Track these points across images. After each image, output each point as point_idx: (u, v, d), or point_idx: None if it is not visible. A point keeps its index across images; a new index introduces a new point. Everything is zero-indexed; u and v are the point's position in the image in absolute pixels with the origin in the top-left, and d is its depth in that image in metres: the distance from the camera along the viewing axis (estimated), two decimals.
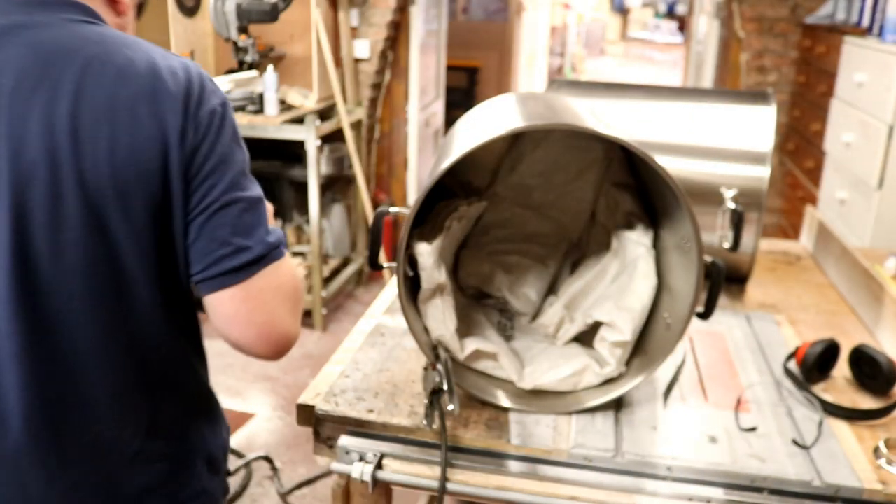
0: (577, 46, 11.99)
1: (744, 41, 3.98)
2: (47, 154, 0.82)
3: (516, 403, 1.22)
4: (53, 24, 0.87)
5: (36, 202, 0.82)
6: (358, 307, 4.02)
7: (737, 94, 1.88)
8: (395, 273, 1.16)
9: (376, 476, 1.16)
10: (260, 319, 0.93)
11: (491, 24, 7.15)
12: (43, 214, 0.83)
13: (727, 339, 1.50)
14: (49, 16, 0.87)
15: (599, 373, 1.22)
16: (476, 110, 1.34)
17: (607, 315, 1.22)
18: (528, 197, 1.50)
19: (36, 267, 0.84)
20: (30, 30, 0.85)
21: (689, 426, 1.20)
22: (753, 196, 1.58)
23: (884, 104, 2.64)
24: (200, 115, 0.87)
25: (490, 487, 1.14)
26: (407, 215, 1.12)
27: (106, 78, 0.84)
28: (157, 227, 0.88)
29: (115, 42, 0.88)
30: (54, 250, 0.84)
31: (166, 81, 0.86)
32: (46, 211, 0.83)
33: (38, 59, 0.84)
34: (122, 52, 0.87)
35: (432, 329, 1.22)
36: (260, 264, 0.91)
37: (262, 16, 3.36)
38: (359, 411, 1.20)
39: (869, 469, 1.11)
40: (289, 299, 0.95)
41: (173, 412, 1.01)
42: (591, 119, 1.18)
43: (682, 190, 1.09)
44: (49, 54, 0.84)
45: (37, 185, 0.82)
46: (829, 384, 1.35)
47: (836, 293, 1.81)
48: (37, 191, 0.82)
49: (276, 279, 0.93)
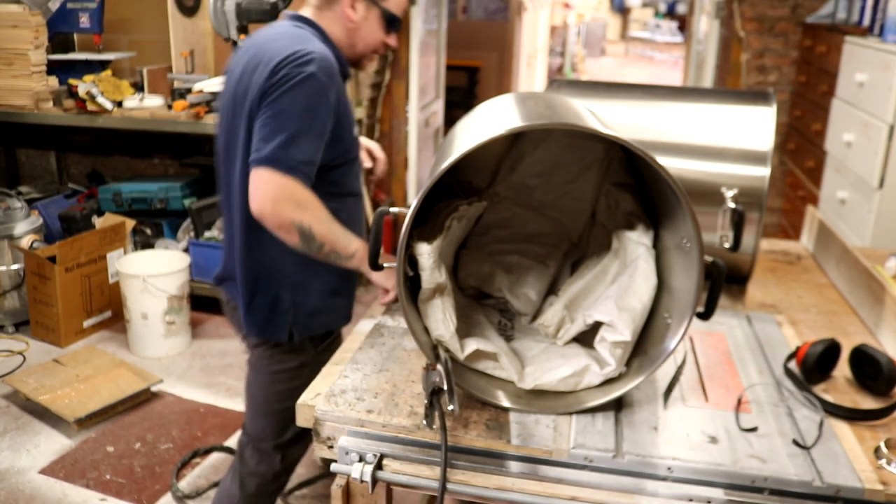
0: (577, 46, 11.99)
1: (744, 41, 3.98)
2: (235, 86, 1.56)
3: (516, 403, 1.22)
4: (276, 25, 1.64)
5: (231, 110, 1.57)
6: (358, 307, 4.01)
7: (737, 93, 1.88)
8: (396, 273, 1.16)
9: (376, 476, 1.16)
10: (256, 197, 1.45)
11: (491, 24, 7.15)
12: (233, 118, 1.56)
13: (728, 339, 1.49)
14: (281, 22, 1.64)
15: (600, 373, 1.22)
16: (476, 110, 1.34)
17: (607, 315, 1.22)
18: (528, 197, 1.49)
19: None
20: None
21: (689, 426, 1.19)
22: (754, 196, 1.58)
23: (884, 104, 2.64)
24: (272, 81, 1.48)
25: (490, 488, 1.14)
26: (407, 215, 1.12)
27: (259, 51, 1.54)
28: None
29: (284, 35, 1.54)
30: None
31: (271, 60, 1.48)
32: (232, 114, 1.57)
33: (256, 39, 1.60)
34: (278, 40, 1.52)
35: (432, 329, 1.22)
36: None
37: (261, 15, 3.35)
38: (359, 411, 1.20)
39: (870, 469, 1.10)
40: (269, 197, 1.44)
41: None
42: (592, 119, 1.18)
43: (683, 189, 1.09)
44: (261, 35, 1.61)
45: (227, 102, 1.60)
46: (830, 384, 1.35)
47: (836, 293, 1.80)
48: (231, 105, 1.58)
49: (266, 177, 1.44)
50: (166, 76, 3.73)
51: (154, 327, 3.26)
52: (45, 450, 2.63)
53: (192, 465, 2.59)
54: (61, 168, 4.59)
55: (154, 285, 3.19)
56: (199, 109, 3.31)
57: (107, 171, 4.52)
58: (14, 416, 2.83)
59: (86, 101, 3.45)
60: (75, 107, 3.55)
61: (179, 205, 3.83)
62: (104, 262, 3.51)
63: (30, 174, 4.61)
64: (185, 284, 3.32)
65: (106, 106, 3.43)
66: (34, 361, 3.21)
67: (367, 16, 1.60)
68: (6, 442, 2.67)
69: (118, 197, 3.85)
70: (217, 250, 3.53)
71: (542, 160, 1.46)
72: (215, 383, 3.12)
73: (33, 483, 2.45)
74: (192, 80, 3.54)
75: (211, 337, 3.51)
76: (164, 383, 3.03)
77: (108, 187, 3.90)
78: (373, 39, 1.64)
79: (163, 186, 3.86)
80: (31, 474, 2.50)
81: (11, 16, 3.49)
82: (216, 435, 2.76)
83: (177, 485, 2.44)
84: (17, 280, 3.48)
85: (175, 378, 3.14)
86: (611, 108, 1.74)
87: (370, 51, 1.66)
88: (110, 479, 2.49)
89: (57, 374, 2.96)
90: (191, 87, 3.41)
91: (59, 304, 3.31)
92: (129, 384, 2.92)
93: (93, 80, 3.50)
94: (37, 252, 3.34)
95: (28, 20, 3.48)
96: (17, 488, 2.43)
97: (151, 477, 2.50)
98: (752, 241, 1.62)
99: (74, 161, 4.61)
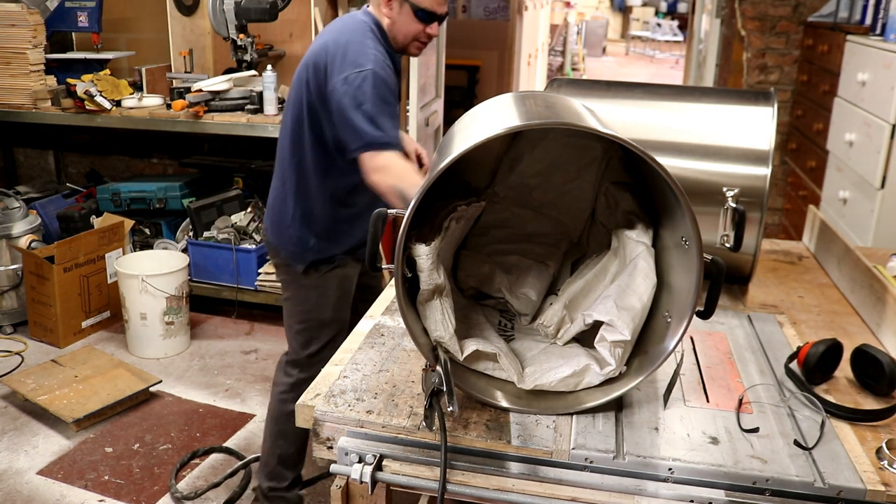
0: (577, 45, 11.98)
1: (745, 40, 3.97)
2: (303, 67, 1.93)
3: (516, 404, 1.21)
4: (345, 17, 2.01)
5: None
6: None
7: (738, 93, 1.88)
8: (394, 274, 1.15)
9: (375, 477, 1.15)
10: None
11: (491, 23, 7.14)
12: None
13: (729, 339, 1.49)
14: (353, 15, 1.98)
15: (600, 373, 1.21)
16: (475, 110, 1.33)
17: (607, 314, 1.21)
18: (527, 197, 1.49)
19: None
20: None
21: (690, 427, 1.19)
22: (755, 196, 1.57)
23: (886, 103, 2.63)
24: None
25: (490, 489, 1.14)
26: (405, 216, 1.11)
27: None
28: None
29: (347, 28, 1.90)
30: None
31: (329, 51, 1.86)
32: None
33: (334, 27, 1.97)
34: (342, 34, 1.88)
35: (431, 330, 1.21)
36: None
37: (260, 14, 3.35)
38: (358, 412, 1.19)
39: (871, 470, 1.10)
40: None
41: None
42: (591, 118, 1.18)
43: (681, 188, 1.08)
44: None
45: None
46: (832, 385, 1.34)
47: (838, 293, 1.80)
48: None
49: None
50: (165, 75, 3.72)
51: (153, 327, 3.26)
52: (44, 451, 2.63)
53: (192, 466, 2.58)
54: (59, 168, 4.58)
55: (153, 285, 3.18)
56: (198, 109, 3.31)
57: (105, 170, 4.51)
58: (12, 417, 2.82)
59: (84, 101, 3.44)
60: (74, 106, 3.54)
61: (178, 204, 3.83)
62: (103, 262, 3.50)
63: (28, 174, 4.60)
64: (184, 284, 3.32)
65: (104, 105, 3.42)
66: (32, 362, 3.21)
67: (401, 11, 1.89)
68: (4, 443, 2.66)
69: (117, 197, 3.84)
70: (216, 250, 3.53)
71: (541, 160, 1.45)
72: (214, 384, 3.11)
73: (31, 484, 2.45)
74: (191, 79, 3.54)
75: (210, 337, 3.50)
76: (163, 384, 3.02)
77: (107, 187, 3.90)
78: (409, 31, 1.92)
79: (161, 186, 3.85)
80: (30, 475, 2.49)
81: (9, 14, 3.49)
82: (215, 435, 2.75)
83: (176, 486, 2.43)
84: (15, 280, 3.47)
85: (174, 378, 3.13)
86: (611, 108, 1.73)
87: (410, 41, 1.95)
88: (109, 479, 2.48)
89: (55, 375, 2.95)
90: (190, 86, 3.41)
91: (58, 305, 3.30)
92: (127, 385, 2.92)
93: (91, 80, 3.50)
94: (35, 252, 3.34)
95: (26, 19, 3.48)
96: (15, 489, 2.42)
97: (150, 478, 2.50)
98: (753, 240, 1.61)
99: (73, 160, 4.60)
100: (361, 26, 1.89)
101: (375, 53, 1.82)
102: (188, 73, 3.71)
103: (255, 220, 3.65)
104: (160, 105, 3.56)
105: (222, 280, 3.58)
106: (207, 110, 3.35)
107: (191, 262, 3.49)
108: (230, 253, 3.51)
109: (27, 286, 3.40)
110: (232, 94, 3.40)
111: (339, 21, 2.00)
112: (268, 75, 3.29)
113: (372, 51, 1.81)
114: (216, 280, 3.59)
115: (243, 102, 3.39)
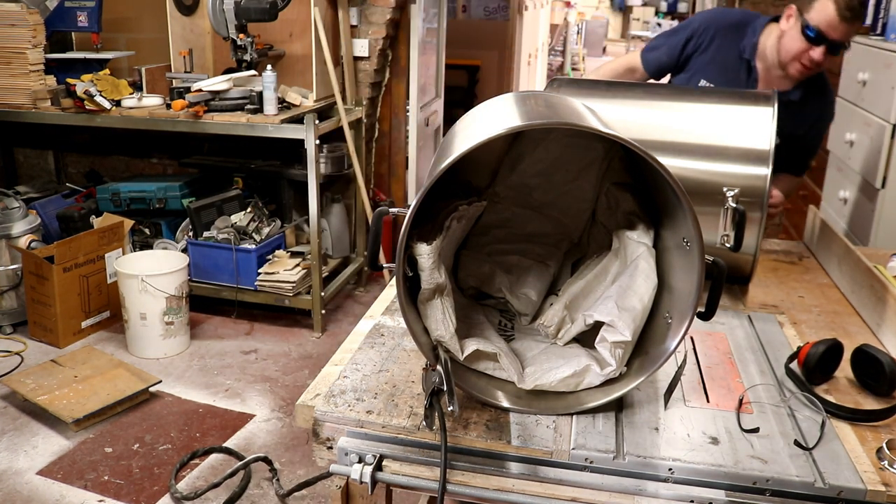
0: (577, 45, 11.98)
1: None
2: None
3: (517, 404, 1.21)
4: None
5: None
6: (357, 307, 4.02)
7: (738, 93, 1.87)
8: (395, 274, 1.15)
9: (375, 477, 1.15)
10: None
11: (491, 23, 7.14)
12: None
13: (729, 339, 1.49)
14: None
15: (600, 373, 1.21)
16: (476, 110, 1.33)
17: (608, 315, 1.21)
18: (528, 197, 1.49)
19: None
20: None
21: (690, 427, 1.19)
22: (755, 195, 1.57)
23: (887, 103, 2.63)
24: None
25: (490, 489, 1.14)
26: (406, 215, 1.11)
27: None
28: None
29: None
30: None
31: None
32: None
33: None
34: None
35: (432, 330, 1.21)
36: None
37: (260, 14, 3.35)
38: (358, 412, 1.19)
39: (872, 471, 1.09)
40: None
41: None
42: (592, 118, 1.17)
43: (683, 188, 1.08)
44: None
45: None
46: (832, 385, 1.34)
47: (838, 293, 1.80)
48: None
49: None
50: (165, 75, 3.72)
51: (152, 327, 3.26)
52: (43, 451, 2.62)
53: (191, 466, 2.58)
54: (59, 167, 4.58)
55: (152, 285, 3.18)
56: (198, 109, 3.30)
57: (105, 170, 4.51)
58: (12, 417, 2.82)
59: (84, 101, 3.44)
60: (73, 106, 3.54)
61: (178, 204, 3.83)
62: (102, 262, 3.50)
63: (28, 174, 4.60)
64: (183, 285, 3.31)
65: (104, 105, 3.42)
66: (32, 362, 3.20)
67: (793, 26, 1.99)
68: (4, 443, 2.66)
69: (116, 196, 3.84)
70: (216, 250, 3.53)
71: (541, 160, 1.45)
72: (214, 384, 3.11)
73: (31, 484, 2.45)
74: (190, 79, 3.54)
75: (210, 337, 3.50)
76: (163, 384, 3.02)
77: (107, 187, 3.90)
78: (792, 48, 2.03)
79: (161, 186, 3.85)
80: (29, 475, 2.49)
81: (9, 14, 3.48)
82: (215, 436, 2.75)
83: (175, 486, 2.43)
84: (14, 280, 3.47)
85: (174, 379, 3.13)
86: (611, 107, 1.73)
87: (790, 59, 2.06)
88: (108, 480, 2.48)
89: (55, 375, 2.95)
90: (189, 86, 3.41)
91: (57, 305, 3.30)
92: (127, 385, 2.92)
93: (91, 80, 3.50)
94: (34, 252, 3.34)
95: (26, 19, 3.47)
96: (14, 489, 2.42)
97: (150, 478, 2.50)
98: (753, 240, 1.61)
99: (72, 160, 4.60)
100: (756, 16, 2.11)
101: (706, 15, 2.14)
102: (188, 73, 3.71)
103: (254, 220, 3.65)
104: (160, 105, 3.55)
105: (222, 280, 3.58)
106: (207, 110, 3.35)
107: (191, 262, 3.49)
108: (230, 253, 3.51)
109: (27, 286, 3.40)
110: (232, 94, 3.40)
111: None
112: (268, 75, 3.29)
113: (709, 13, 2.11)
114: (216, 280, 3.59)
115: (243, 102, 3.39)
